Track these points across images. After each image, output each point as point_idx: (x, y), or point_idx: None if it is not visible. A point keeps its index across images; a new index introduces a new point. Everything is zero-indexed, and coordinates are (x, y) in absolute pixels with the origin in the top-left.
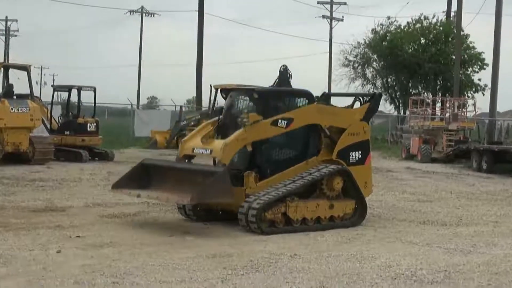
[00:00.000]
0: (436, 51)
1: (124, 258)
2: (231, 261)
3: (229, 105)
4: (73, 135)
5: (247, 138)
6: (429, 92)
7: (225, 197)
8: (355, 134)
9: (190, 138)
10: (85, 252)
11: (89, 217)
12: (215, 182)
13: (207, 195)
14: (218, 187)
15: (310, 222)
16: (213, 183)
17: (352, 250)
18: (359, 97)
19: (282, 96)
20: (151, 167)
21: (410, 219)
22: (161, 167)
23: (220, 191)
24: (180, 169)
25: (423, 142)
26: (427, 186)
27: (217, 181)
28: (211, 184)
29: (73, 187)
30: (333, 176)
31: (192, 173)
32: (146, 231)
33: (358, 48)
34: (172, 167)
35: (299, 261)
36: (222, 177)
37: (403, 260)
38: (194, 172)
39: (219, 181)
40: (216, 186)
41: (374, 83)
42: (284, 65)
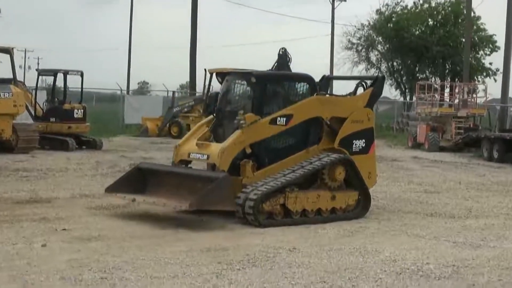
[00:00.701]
0: (445, 33)
1: (113, 252)
2: (227, 255)
3: (225, 90)
4: (59, 122)
5: (245, 140)
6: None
7: (226, 204)
8: (359, 121)
9: (185, 142)
10: (72, 246)
11: (75, 209)
12: (216, 188)
13: (207, 202)
14: (218, 194)
15: (311, 214)
16: (213, 190)
17: (355, 244)
18: (362, 83)
19: (281, 80)
20: (148, 171)
21: (417, 211)
22: (158, 171)
23: (220, 198)
24: (178, 174)
25: (431, 130)
26: (434, 176)
27: (218, 187)
28: (211, 191)
29: (59, 177)
30: (335, 166)
31: (191, 178)
32: (136, 224)
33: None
34: (169, 172)
35: (298, 255)
36: (223, 183)
37: (409, 254)
38: (193, 178)
39: (220, 187)
40: (216, 193)
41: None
42: (283, 48)
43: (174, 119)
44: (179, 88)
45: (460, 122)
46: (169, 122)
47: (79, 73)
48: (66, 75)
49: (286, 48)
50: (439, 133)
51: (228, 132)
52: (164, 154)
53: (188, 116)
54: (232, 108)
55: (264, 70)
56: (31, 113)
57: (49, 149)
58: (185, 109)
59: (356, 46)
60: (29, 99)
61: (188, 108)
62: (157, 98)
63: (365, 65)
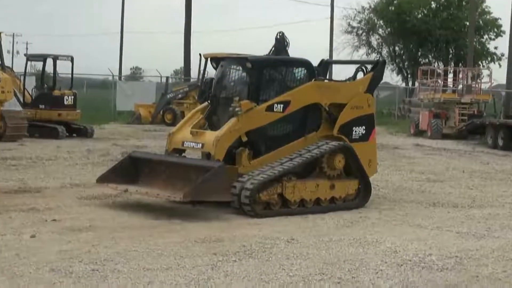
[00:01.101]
0: (448, 16)
1: (105, 243)
2: (222, 246)
3: (220, 76)
4: (49, 109)
5: (240, 128)
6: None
7: (221, 195)
8: (359, 107)
9: (179, 130)
10: (62, 237)
11: (66, 198)
12: (210, 178)
13: (202, 193)
14: (213, 184)
15: (309, 204)
16: (208, 180)
17: (355, 234)
18: (362, 67)
19: (279, 65)
20: (140, 160)
21: (419, 201)
22: (151, 160)
23: (216, 188)
24: (171, 163)
25: (434, 117)
26: (437, 165)
27: (213, 177)
28: (206, 181)
29: (48, 166)
30: (334, 154)
31: (185, 168)
32: (129, 214)
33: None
34: (163, 161)
35: (296, 246)
36: (218, 173)
37: (411, 245)
38: (187, 167)
39: (215, 177)
40: (211, 183)
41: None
42: (280, 32)
43: (168, 106)
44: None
45: (464, 108)
46: (162, 109)
47: (69, 58)
48: (56, 60)
49: (284, 32)
50: (442, 120)
51: (223, 119)
52: (157, 142)
53: (183, 103)
54: (227, 95)
55: (261, 55)
56: (20, 99)
57: (39, 137)
58: (179, 96)
59: (357, 30)
60: (18, 85)
61: (183, 94)
62: (150, 84)
63: (366, 50)
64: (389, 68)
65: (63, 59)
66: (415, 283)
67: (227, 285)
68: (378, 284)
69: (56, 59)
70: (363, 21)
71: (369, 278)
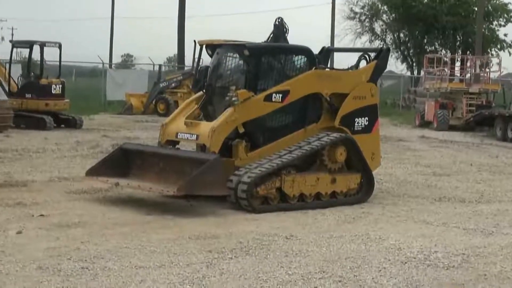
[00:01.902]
0: (456, 1)
1: (95, 240)
2: (218, 243)
3: (215, 64)
4: (36, 98)
5: (237, 119)
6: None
7: (217, 189)
8: (361, 97)
9: (172, 120)
10: (50, 233)
11: (54, 193)
12: (206, 172)
13: (197, 186)
14: (209, 178)
15: (309, 199)
16: (203, 173)
17: (357, 231)
18: (365, 55)
19: (277, 53)
20: (132, 152)
21: (424, 196)
22: (143, 152)
23: (211, 182)
24: (165, 155)
25: (440, 107)
26: (444, 158)
27: (208, 170)
28: (201, 174)
29: (35, 158)
30: (335, 146)
31: (179, 160)
32: (120, 209)
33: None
34: (155, 153)
35: (295, 243)
36: (214, 166)
37: (415, 242)
38: (181, 160)
39: (210, 171)
40: (206, 177)
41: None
42: (279, 18)
43: (161, 96)
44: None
45: (471, 98)
46: (155, 98)
47: (57, 45)
48: (43, 47)
49: (283, 18)
50: (449, 110)
51: (219, 109)
52: (150, 134)
53: (176, 92)
54: (223, 84)
55: (259, 42)
56: (5, 88)
57: (25, 128)
58: (172, 85)
59: (359, 15)
60: (3, 73)
61: (176, 83)
62: (142, 72)
63: (369, 37)
64: (393, 56)
65: (51, 45)
66: (420, 282)
67: (222, 283)
68: (381, 283)
69: (43, 46)
70: (366, 6)
71: (371, 277)
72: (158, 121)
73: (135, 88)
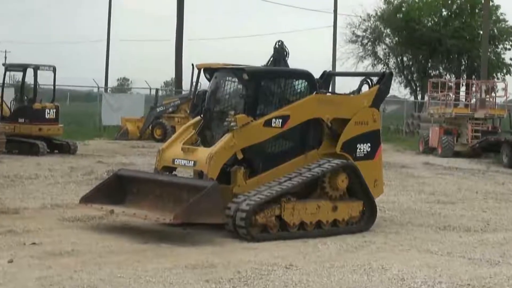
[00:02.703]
0: (460, 24)
1: (88, 269)
2: (215, 272)
3: (214, 88)
4: (29, 123)
5: (236, 144)
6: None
7: (215, 217)
8: (363, 123)
9: (169, 146)
10: (42, 262)
11: (46, 220)
12: (203, 199)
13: (194, 214)
14: (206, 205)
15: (310, 227)
16: (200, 201)
17: (359, 260)
18: (367, 80)
19: (278, 77)
20: (127, 179)
21: (428, 224)
22: (139, 179)
23: (209, 210)
24: (161, 182)
25: (445, 133)
26: (448, 185)
27: (206, 198)
28: (198, 202)
29: (28, 185)
30: (337, 173)
31: (176, 187)
32: (114, 237)
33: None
34: (152, 180)
35: (295, 273)
36: (212, 193)
37: (419, 272)
38: (178, 186)
39: (208, 198)
40: (204, 204)
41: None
42: (280, 41)
43: (158, 120)
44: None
45: (477, 124)
46: (151, 123)
47: (51, 68)
48: (37, 70)
49: (283, 41)
50: (454, 136)
51: (217, 135)
52: (146, 160)
53: (173, 117)
54: (221, 108)
55: (258, 66)
56: None
57: (17, 153)
58: (169, 109)
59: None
60: None
61: (173, 107)
62: (139, 96)
63: (371, 60)
64: (396, 80)
65: (45, 69)
66: None
67: None
68: None
69: (37, 69)
70: (369, 29)
71: None
72: (155, 146)
73: (131, 113)
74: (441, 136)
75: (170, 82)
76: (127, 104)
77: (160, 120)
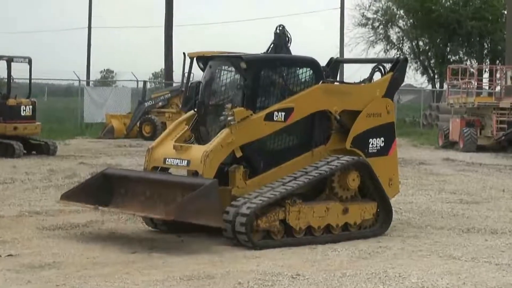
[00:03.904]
0: (482, 4)
1: (72, 283)
2: (213, 284)
3: (208, 79)
4: (2, 121)
5: (234, 141)
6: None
7: (212, 218)
8: (376, 115)
9: (159, 144)
10: (20, 276)
11: (24, 229)
12: (200, 197)
13: (188, 212)
14: (203, 205)
15: (318, 232)
16: (197, 198)
17: (374, 268)
18: (379, 67)
19: (279, 65)
20: (115, 178)
21: (450, 227)
22: (127, 178)
23: (205, 210)
24: (153, 181)
25: (466, 125)
26: (471, 183)
27: (203, 196)
28: (194, 199)
29: (2, 190)
30: (347, 171)
31: (169, 186)
32: (100, 247)
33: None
34: (142, 179)
35: (303, 284)
36: (210, 191)
37: (441, 280)
38: (172, 185)
39: (205, 197)
40: (200, 203)
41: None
42: (281, 25)
43: (146, 116)
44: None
45: (502, 114)
46: (139, 119)
47: (26, 60)
48: (10, 62)
49: (285, 26)
50: (477, 128)
51: (213, 131)
52: (134, 160)
53: (164, 112)
54: (217, 102)
55: (257, 53)
56: None
57: None
58: (159, 103)
59: (372, 21)
60: None
61: (163, 102)
62: (125, 90)
63: (384, 45)
64: (412, 67)
65: (19, 61)
66: None
67: None
68: None
69: (10, 61)
70: (380, 11)
71: None
72: (144, 145)
73: (116, 108)
74: (463, 128)
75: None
76: (112, 98)
77: (149, 116)
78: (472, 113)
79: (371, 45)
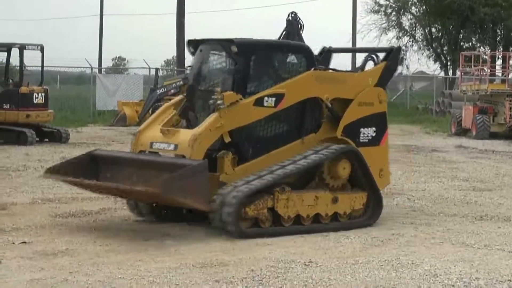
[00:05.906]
0: None
1: (85, 270)
2: (226, 271)
3: (198, 64)
4: (15, 109)
5: (223, 125)
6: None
7: (198, 199)
8: (368, 104)
9: (147, 128)
10: (33, 263)
11: (37, 217)
12: (189, 176)
13: (175, 189)
14: (191, 185)
15: (306, 221)
16: (185, 176)
17: (386, 255)
18: (372, 56)
19: (271, 51)
20: (102, 158)
21: (463, 214)
22: (115, 158)
23: (193, 191)
24: (141, 161)
25: (479, 112)
26: (484, 170)
27: (191, 176)
28: (182, 177)
29: (16, 177)
30: (337, 160)
31: (158, 166)
32: (113, 235)
33: None
34: (130, 159)
35: (316, 271)
36: (199, 172)
37: (454, 268)
38: (161, 165)
39: (194, 177)
40: (189, 182)
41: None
42: (293, 12)
43: (158, 104)
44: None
45: None
46: (151, 107)
47: (38, 48)
48: (23, 50)
49: (297, 13)
50: (490, 115)
51: (202, 116)
52: None
53: None
54: (207, 87)
55: (249, 38)
56: None
57: (3, 143)
58: (171, 91)
59: (385, 8)
60: None
61: (176, 89)
62: (137, 77)
63: (396, 33)
64: (424, 54)
65: (32, 48)
66: None
67: None
68: None
69: (23, 48)
70: None
71: None
72: None
73: (128, 96)
74: (476, 115)
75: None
76: (124, 86)
77: (161, 103)
78: (485, 100)
79: (384, 32)
